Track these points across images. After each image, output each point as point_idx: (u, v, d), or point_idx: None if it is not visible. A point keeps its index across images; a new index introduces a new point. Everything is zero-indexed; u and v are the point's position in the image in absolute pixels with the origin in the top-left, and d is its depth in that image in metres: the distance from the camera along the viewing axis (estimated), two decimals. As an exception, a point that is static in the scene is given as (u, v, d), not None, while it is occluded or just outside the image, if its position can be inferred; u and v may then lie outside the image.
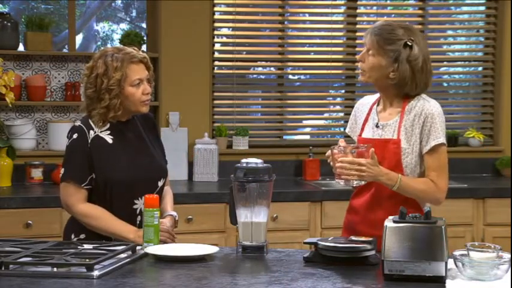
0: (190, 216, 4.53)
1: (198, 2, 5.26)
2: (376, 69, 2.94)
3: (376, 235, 2.63)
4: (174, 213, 3.15)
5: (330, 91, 5.68)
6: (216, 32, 5.47)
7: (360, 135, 3.06)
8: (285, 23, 5.61)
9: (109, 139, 3.02)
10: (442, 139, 2.88)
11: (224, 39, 5.59)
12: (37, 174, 4.89)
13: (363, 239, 2.62)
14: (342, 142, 2.86)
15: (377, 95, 3.09)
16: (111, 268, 2.43)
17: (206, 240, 3.80)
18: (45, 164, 4.91)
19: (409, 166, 2.89)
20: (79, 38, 6.88)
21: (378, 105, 3.05)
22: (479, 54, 5.82)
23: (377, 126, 2.98)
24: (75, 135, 3.00)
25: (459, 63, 6.09)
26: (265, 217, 2.77)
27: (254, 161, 2.78)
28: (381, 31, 2.93)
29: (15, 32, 4.97)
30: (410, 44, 2.90)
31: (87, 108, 3.04)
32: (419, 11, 5.76)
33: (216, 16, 5.42)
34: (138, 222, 3.02)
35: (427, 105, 2.91)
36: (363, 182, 2.83)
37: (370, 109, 3.06)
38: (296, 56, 5.65)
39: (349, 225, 3.05)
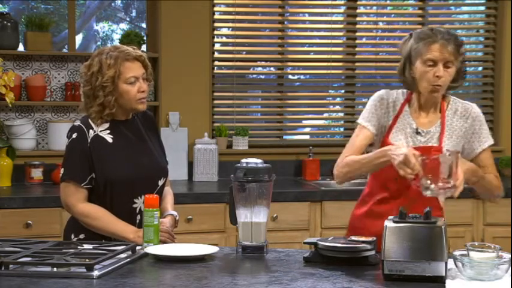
0: (190, 216, 4.53)
1: (198, 2, 5.26)
2: (451, 77, 2.84)
3: None
4: (175, 213, 3.15)
5: (330, 91, 5.68)
6: (216, 32, 5.47)
7: (387, 137, 2.91)
8: (285, 23, 5.61)
9: (109, 138, 3.02)
10: (491, 138, 2.89)
11: (224, 39, 5.59)
12: (37, 174, 4.89)
13: (363, 239, 2.62)
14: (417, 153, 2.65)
15: (400, 91, 2.96)
16: (111, 268, 2.43)
17: (206, 240, 3.81)
18: (45, 164, 4.91)
19: None
20: (79, 38, 6.88)
21: (409, 105, 2.93)
22: (479, 54, 5.83)
23: (417, 132, 2.89)
24: (74, 135, 3.00)
25: (459, 63, 6.08)
26: (265, 217, 2.77)
27: (254, 161, 2.78)
28: (451, 36, 2.82)
29: (15, 32, 4.97)
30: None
31: (85, 106, 3.05)
32: (419, 11, 5.76)
33: (216, 16, 5.42)
34: (137, 221, 3.02)
35: (470, 107, 2.90)
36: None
37: (400, 110, 2.93)
38: (296, 56, 5.65)
39: (372, 231, 2.82)
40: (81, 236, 3.02)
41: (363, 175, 3.01)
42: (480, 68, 5.92)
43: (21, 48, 5.10)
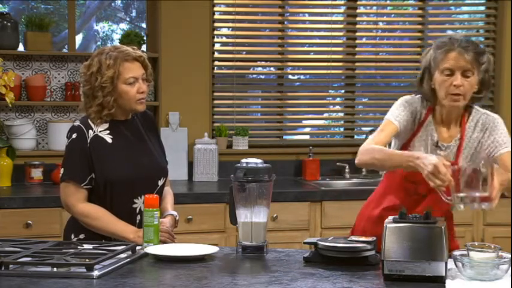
0: (190, 216, 4.53)
1: (198, 2, 5.26)
2: (473, 87, 2.75)
3: None
4: (175, 213, 3.15)
5: (330, 91, 5.68)
6: (216, 32, 5.47)
7: (408, 144, 2.85)
8: (285, 23, 5.61)
9: (108, 139, 3.02)
10: (510, 146, 2.81)
11: (224, 39, 5.59)
12: (37, 174, 4.89)
13: (363, 239, 2.62)
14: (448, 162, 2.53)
15: (417, 97, 2.88)
16: (111, 268, 2.43)
17: (206, 240, 3.81)
18: (45, 164, 4.91)
19: None
20: (79, 38, 6.88)
21: (433, 116, 2.85)
22: (479, 54, 5.82)
23: (437, 146, 2.83)
24: (74, 135, 3.00)
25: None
26: (265, 217, 2.77)
27: (254, 161, 2.78)
28: (469, 44, 2.75)
29: (15, 32, 4.97)
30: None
31: (84, 106, 3.05)
32: (419, 11, 5.76)
33: (216, 16, 5.42)
34: (137, 221, 3.02)
35: (492, 119, 2.84)
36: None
37: (425, 119, 2.85)
38: (296, 56, 5.65)
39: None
40: (81, 236, 3.02)
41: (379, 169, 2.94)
42: (480, 68, 5.91)
43: (21, 48, 5.09)
